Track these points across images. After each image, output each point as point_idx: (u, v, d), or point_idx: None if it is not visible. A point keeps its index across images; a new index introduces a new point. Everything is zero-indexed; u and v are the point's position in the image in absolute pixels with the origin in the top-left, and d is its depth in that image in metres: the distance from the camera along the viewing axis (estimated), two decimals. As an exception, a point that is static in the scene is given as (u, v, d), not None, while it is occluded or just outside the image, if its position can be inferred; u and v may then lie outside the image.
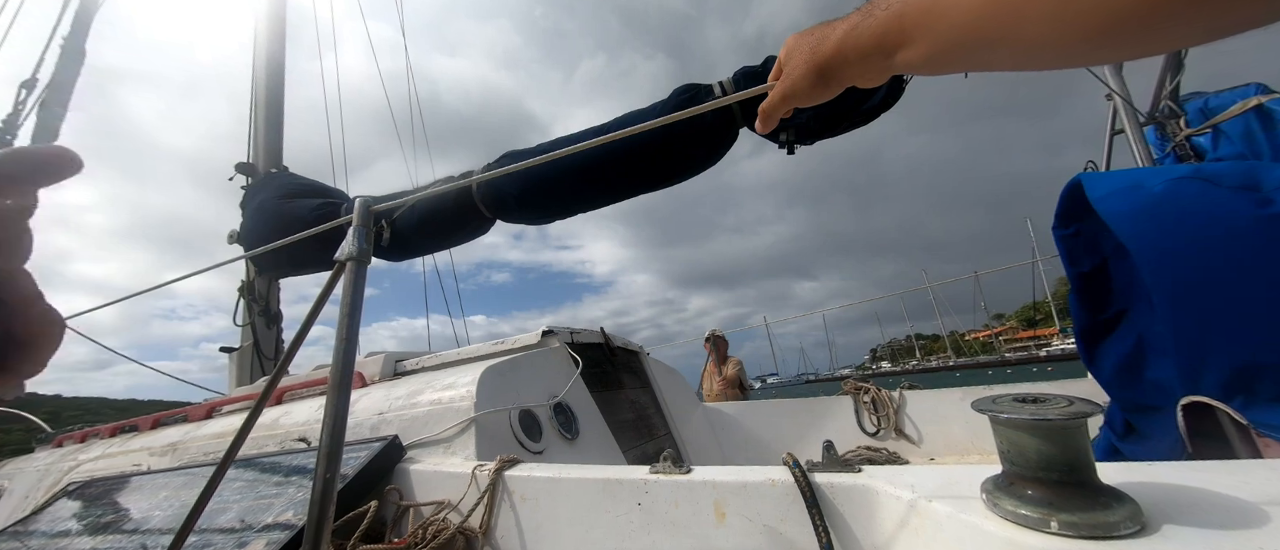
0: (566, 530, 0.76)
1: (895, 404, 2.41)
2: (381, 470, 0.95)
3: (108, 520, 1.16)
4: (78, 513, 1.28)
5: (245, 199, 2.73)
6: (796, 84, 0.56)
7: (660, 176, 1.76)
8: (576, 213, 1.94)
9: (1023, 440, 0.47)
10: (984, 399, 0.52)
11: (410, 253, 2.25)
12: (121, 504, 1.20)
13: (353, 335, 0.66)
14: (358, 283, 0.69)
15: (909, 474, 0.61)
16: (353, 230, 0.70)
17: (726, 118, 1.67)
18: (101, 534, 1.11)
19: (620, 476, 0.75)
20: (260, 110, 2.98)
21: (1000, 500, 0.47)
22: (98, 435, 2.05)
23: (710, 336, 4.45)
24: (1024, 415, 0.46)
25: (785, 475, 0.65)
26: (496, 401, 1.09)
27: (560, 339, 1.63)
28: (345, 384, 0.63)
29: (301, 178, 2.92)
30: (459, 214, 1.98)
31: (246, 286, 2.75)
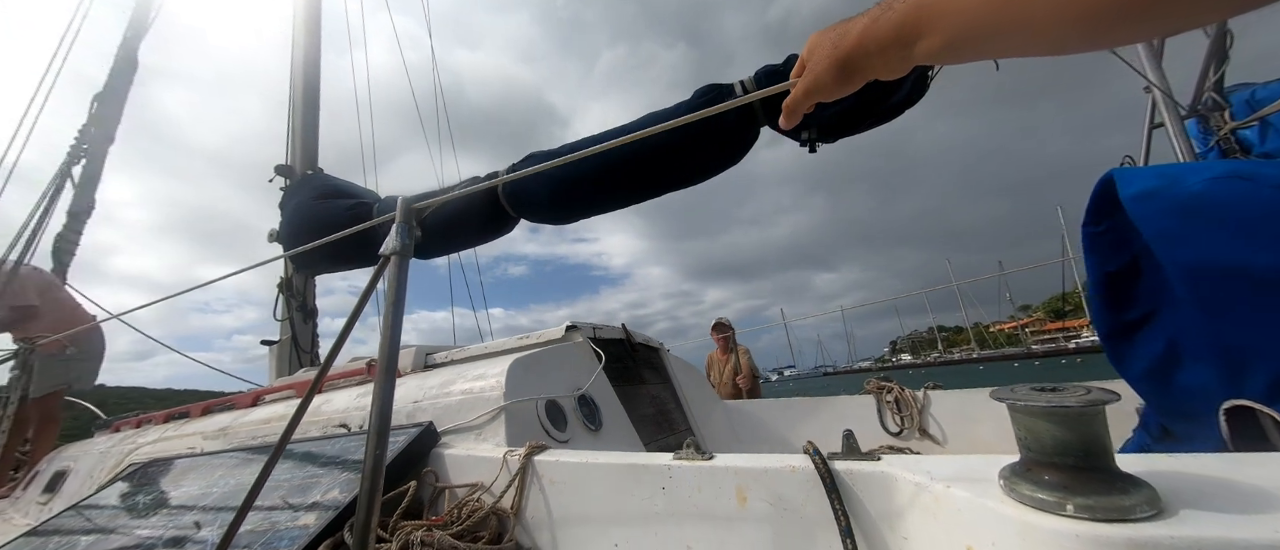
0: (593, 512, 0.80)
1: (919, 403, 2.38)
2: (419, 454, 1.00)
3: (166, 498, 1.25)
4: (138, 491, 1.38)
5: (283, 200, 2.86)
6: (820, 78, 0.57)
7: (682, 177, 1.79)
8: (599, 213, 1.97)
9: (1039, 427, 0.48)
10: (1002, 388, 0.53)
11: (439, 251, 2.33)
12: (178, 483, 1.29)
13: (397, 325, 0.71)
14: (401, 275, 0.74)
15: (927, 462, 0.62)
16: (396, 227, 0.76)
17: (748, 116, 1.68)
18: (161, 510, 1.20)
19: (645, 462, 0.78)
20: (297, 116, 3.12)
21: (1017, 485, 0.49)
22: (151, 421, 2.19)
23: (717, 324, 4.31)
24: (1041, 402, 0.47)
25: (805, 463, 0.67)
26: (524, 392, 1.14)
27: (583, 334, 1.68)
28: (391, 369, 0.68)
29: (335, 179, 3.05)
30: (485, 214, 2.04)
31: (285, 283, 2.89)
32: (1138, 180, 0.90)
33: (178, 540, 1.03)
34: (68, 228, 3.98)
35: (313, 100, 3.19)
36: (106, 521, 1.30)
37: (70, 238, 3.98)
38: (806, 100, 0.61)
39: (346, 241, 2.35)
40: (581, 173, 1.83)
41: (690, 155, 1.76)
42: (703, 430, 2.19)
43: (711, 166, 1.78)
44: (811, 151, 1.73)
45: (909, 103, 1.56)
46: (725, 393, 3.99)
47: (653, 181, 1.80)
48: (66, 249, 3.97)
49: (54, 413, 3.00)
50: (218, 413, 1.83)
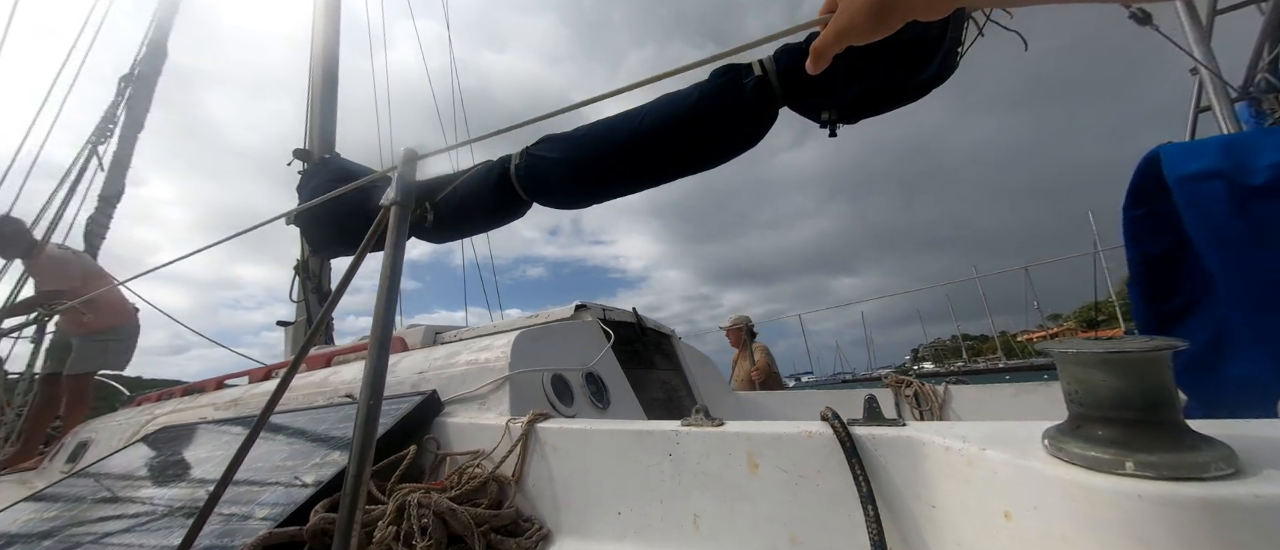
0: (597, 480, 0.76)
1: (940, 398, 2.29)
2: (421, 421, 0.98)
3: (177, 460, 1.26)
4: (152, 455, 1.39)
5: (301, 183, 2.90)
6: (854, 18, 0.51)
7: (698, 159, 1.73)
8: (613, 196, 1.93)
9: (1093, 377, 0.43)
10: (1050, 341, 0.48)
11: (451, 234, 2.32)
12: (189, 448, 1.30)
13: (396, 276, 0.68)
14: (400, 226, 0.71)
15: (960, 427, 0.57)
16: (396, 177, 0.73)
17: (766, 96, 1.62)
18: (171, 471, 1.21)
19: (651, 428, 0.74)
20: (316, 99, 3.15)
21: (1065, 444, 0.43)
22: (170, 396, 2.24)
23: (732, 324, 4.18)
24: (1096, 349, 0.42)
25: (823, 428, 0.63)
26: (530, 364, 1.11)
27: (593, 314, 1.64)
28: (389, 317, 0.65)
29: (351, 163, 3.08)
30: (497, 196, 2.02)
31: (301, 265, 2.92)
32: (1188, 160, 0.82)
33: (180, 502, 1.02)
34: (99, 212, 4.11)
35: (331, 85, 3.22)
36: (120, 481, 1.31)
37: (101, 221, 4.10)
38: (837, 43, 0.55)
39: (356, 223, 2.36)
40: (595, 154, 1.79)
41: (707, 136, 1.71)
42: (714, 419, 2.15)
43: (729, 148, 1.73)
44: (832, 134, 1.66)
45: (936, 81, 1.48)
46: (741, 389, 3.91)
47: (669, 164, 1.76)
48: (97, 233, 4.10)
49: (84, 394, 3.08)
50: (229, 388, 1.85)
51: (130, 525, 0.99)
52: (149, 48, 4.33)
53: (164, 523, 0.93)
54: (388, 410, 1.00)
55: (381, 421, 0.95)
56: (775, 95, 1.63)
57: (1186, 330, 0.93)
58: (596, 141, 1.79)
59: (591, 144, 1.81)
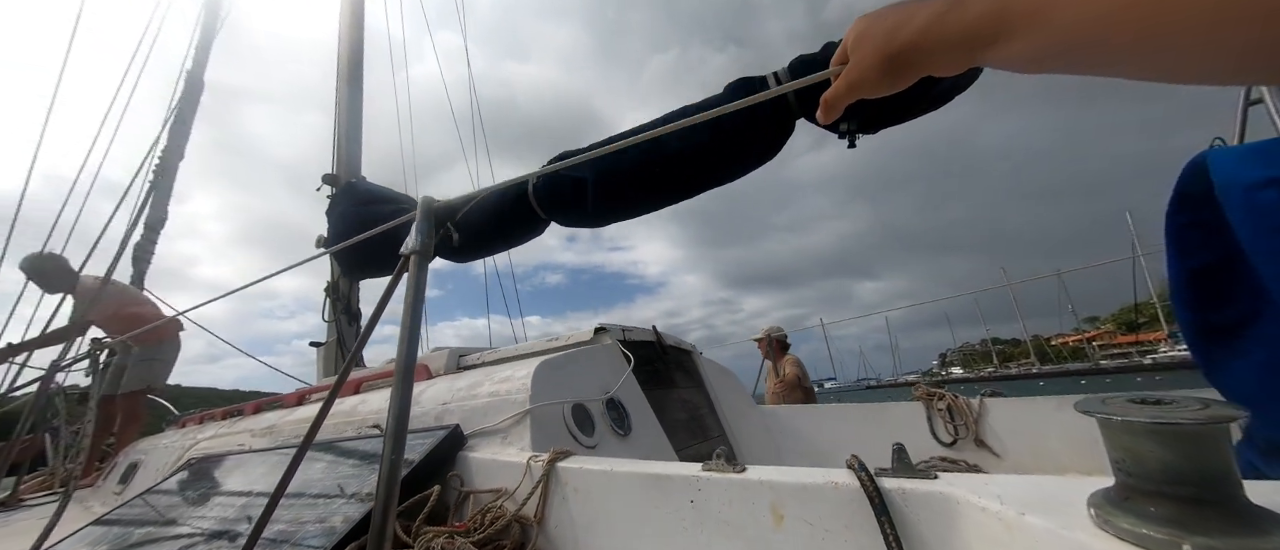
0: (619, 524, 0.76)
1: (975, 412, 2.20)
2: (444, 457, 0.99)
3: (216, 491, 1.31)
4: (192, 485, 1.45)
5: (330, 207, 3.00)
6: (866, 73, 0.51)
7: (713, 176, 1.72)
8: (630, 215, 1.93)
9: (1142, 448, 0.40)
10: (1091, 398, 0.45)
11: (475, 254, 2.36)
12: (228, 477, 1.35)
13: (416, 324, 0.70)
14: (420, 275, 0.72)
15: (996, 483, 0.54)
16: (415, 226, 0.74)
17: (782, 109, 1.60)
18: (212, 502, 1.26)
19: (672, 473, 0.73)
20: (342, 127, 3.26)
21: (1114, 517, 0.41)
22: (212, 418, 2.33)
23: (764, 336, 4.12)
24: (1143, 417, 0.39)
25: (849, 479, 0.61)
26: (551, 395, 1.11)
27: (612, 336, 1.64)
28: (409, 371, 0.66)
29: (376, 186, 3.17)
30: (516, 216, 2.05)
31: (331, 287, 3.02)
32: (1246, 164, 0.76)
33: (225, 532, 1.06)
34: (144, 238, 4.35)
35: (356, 112, 3.33)
36: (166, 509, 1.37)
37: (147, 247, 4.34)
38: (849, 96, 0.55)
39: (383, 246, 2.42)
40: (610, 173, 1.79)
41: (723, 152, 1.69)
42: (738, 436, 2.11)
43: (745, 163, 1.71)
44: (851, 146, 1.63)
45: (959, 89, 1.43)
46: (770, 402, 3.85)
47: (685, 181, 1.75)
48: (144, 257, 4.34)
49: (137, 410, 3.26)
50: (267, 412, 1.92)
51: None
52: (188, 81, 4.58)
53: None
54: (413, 445, 1.02)
55: (406, 458, 0.97)
56: (791, 107, 1.61)
57: (1245, 343, 0.86)
58: (612, 160, 1.80)
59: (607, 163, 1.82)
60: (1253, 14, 0.26)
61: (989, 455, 2.11)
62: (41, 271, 2.95)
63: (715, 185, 1.74)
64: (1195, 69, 0.32)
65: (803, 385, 3.85)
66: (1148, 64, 0.33)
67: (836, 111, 0.56)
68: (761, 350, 4.12)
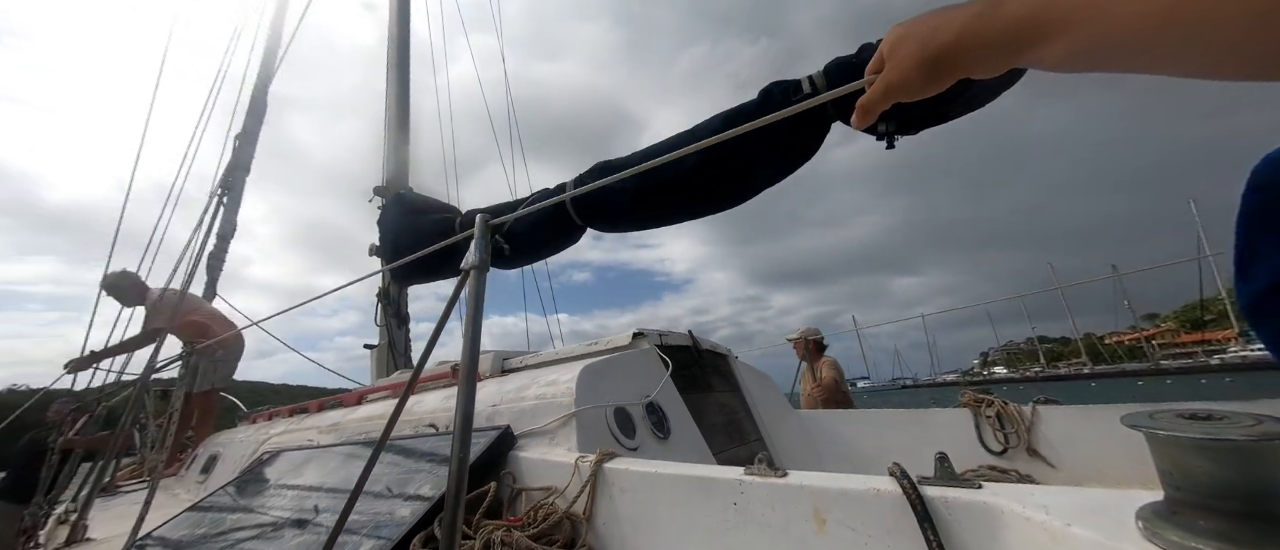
0: (664, 524, 0.79)
1: (1027, 420, 2.11)
2: (498, 456, 1.06)
3: (291, 484, 1.43)
4: (269, 477, 1.59)
5: (381, 217, 3.19)
6: (905, 76, 0.51)
7: (749, 183, 1.72)
8: (665, 223, 1.96)
9: (1190, 463, 0.40)
10: (1138, 413, 0.46)
11: (522, 262, 2.45)
12: (302, 470, 1.48)
13: (477, 334, 0.76)
14: (479, 288, 0.79)
15: (1041, 494, 0.55)
16: (474, 243, 0.81)
17: (818, 112, 1.60)
18: (287, 493, 1.38)
19: (715, 476, 0.76)
20: (392, 140, 3.46)
21: (1163, 530, 0.41)
22: (279, 415, 2.53)
23: (800, 337, 3.94)
24: (1193, 433, 0.40)
25: (892, 486, 0.62)
26: (594, 398, 1.17)
27: (650, 341, 1.68)
28: (472, 377, 0.73)
29: (423, 197, 3.35)
30: (557, 225, 2.12)
31: (383, 293, 3.21)
32: None
33: (301, 521, 1.17)
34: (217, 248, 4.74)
35: (403, 127, 3.53)
36: (247, 501, 1.51)
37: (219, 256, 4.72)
38: (885, 101, 0.55)
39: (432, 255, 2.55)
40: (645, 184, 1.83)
41: (756, 160, 1.70)
42: (775, 441, 2.11)
43: (780, 168, 1.71)
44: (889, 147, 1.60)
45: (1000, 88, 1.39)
46: (806, 406, 3.72)
47: (720, 190, 1.75)
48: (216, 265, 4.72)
49: (212, 406, 3.58)
50: (330, 410, 2.07)
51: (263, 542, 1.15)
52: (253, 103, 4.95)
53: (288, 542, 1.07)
54: (468, 445, 1.09)
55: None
56: (827, 111, 1.60)
57: None
58: (647, 171, 1.83)
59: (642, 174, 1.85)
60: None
61: (1043, 466, 2.02)
62: (118, 288, 3.32)
63: (751, 194, 1.75)
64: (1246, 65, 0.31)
65: (841, 389, 3.72)
66: (1193, 61, 0.33)
67: (873, 116, 0.56)
68: (797, 351, 3.98)
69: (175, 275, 2.97)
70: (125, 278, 3.42)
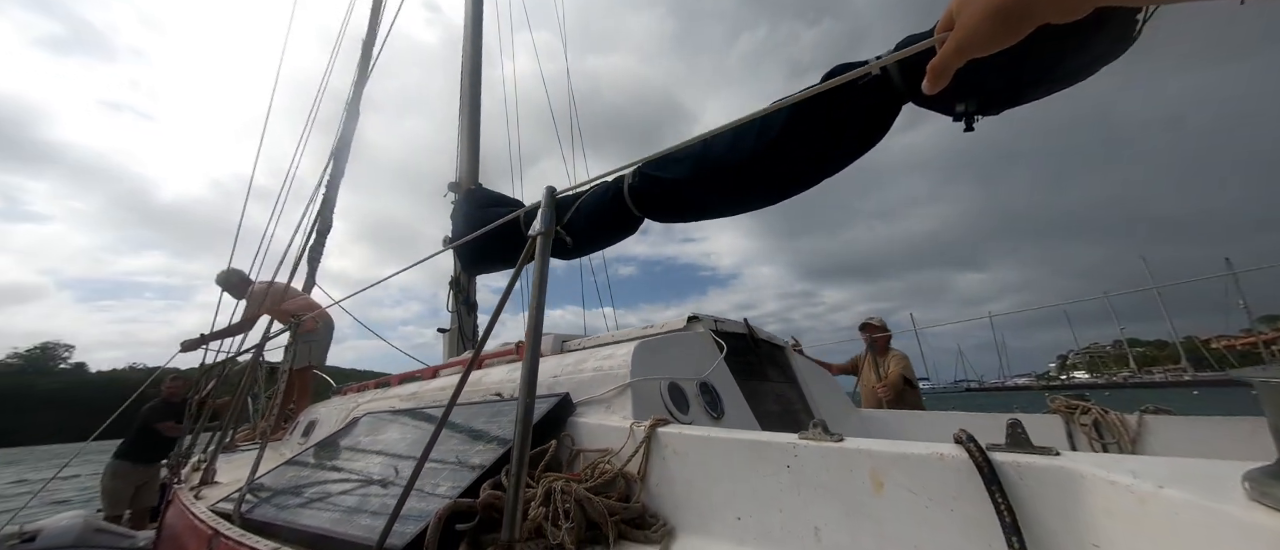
0: (716, 484, 0.81)
1: (1132, 431, 1.87)
2: (558, 418, 1.12)
3: (376, 443, 1.59)
4: (361, 436, 1.77)
5: (454, 211, 3.44)
6: (976, 30, 0.47)
7: (814, 170, 1.65)
8: (727, 213, 1.93)
9: (1309, 412, 0.36)
10: (1253, 369, 0.41)
11: (581, 252, 2.54)
12: (386, 430, 1.64)
13: (542, 293, 0.82)
14: (544, 254, 0.84)
15: (1132, 460, 0.50)
16: (541, 213, 0.87)
17: (887, 91, 1.52)
18: (373, 451, 1.54)
19: (769, 440, 0.77)
20: (465, 142, 3.72)
21: (1272, 488, 0.37)
22: (366, 388, 2.80)
23: (864, 325, 3.64)
24: (1312, 379, 0.36)
25: (957, 451, 0.60)
26: (649, 372, 1.20)
27: (705, 325, 1.69)
28: (537, 338, 0.78)
29: (492, 192, 3.57)
30: (613, 214, 2.17)
31: (454, 281, 3.45)
32: None
33: (383, 471, 1.31)
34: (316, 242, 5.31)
35: (475, 128, 3.77)
36: (337, 455, 1.70)
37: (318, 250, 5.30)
38: (958, 58, 0.50)
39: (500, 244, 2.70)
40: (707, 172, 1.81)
41: (821, 144, 1.64)
42: (835, 437, 2.03)
43: (846, 154, 1.63)
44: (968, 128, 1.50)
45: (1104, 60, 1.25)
46: (868, 404, 3.46)
47: (784, 178, 1.70)
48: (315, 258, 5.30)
49: (307, 383, 4.05)
50: (409, 383, 2.27)
51: (351, 489, 1.29)
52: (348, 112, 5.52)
53: (376, 489, 1.20)
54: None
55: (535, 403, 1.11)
56: (897, 91, 1.52)
57: None
58: (707, 161, 1.81)
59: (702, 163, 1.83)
60: None
61: (1151, 482, 1.79)
62: (230, 284, 3.89)
63: (816, 180, 1.68)
64: None
65: (909, 387, 3.40)
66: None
67: (945, 78, 0.51)
68: (864, 339, 3.62)
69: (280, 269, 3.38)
70: (235, 274, 4.00)
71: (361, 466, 1.41)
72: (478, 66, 4.00)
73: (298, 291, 4.59)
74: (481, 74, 3.94)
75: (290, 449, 2.88)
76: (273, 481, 1.70)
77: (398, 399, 2.00)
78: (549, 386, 1.32)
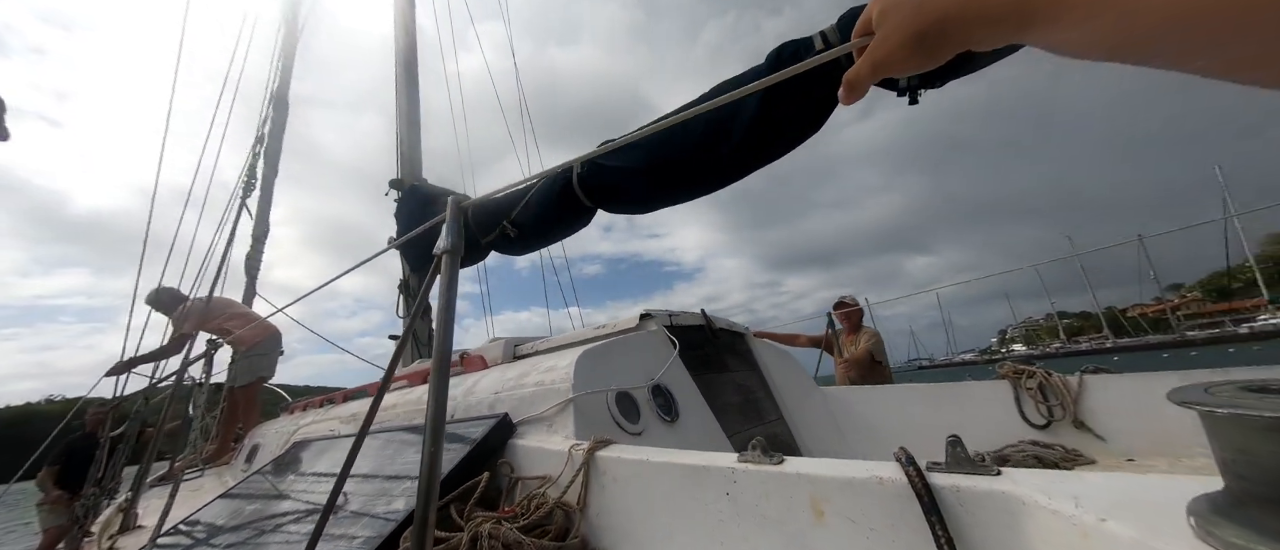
0: (657, 512, 0.75)
1: (1073, 391, 1.96)
2: (496, 444, 1.04)
3: (314, 470, 1.48)
4: (296, 464, 1.64)
5: (397, 210, 3.24)
6: (892, 51, 0.44)
7: (764, 150, 1.61)
8: (679, 200, 1.87)
9: (1257, 446, 0.32)
10: (1191, 387, 0.37)
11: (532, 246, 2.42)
12: (321, 459, 1.52)
13: (450, 322, 0.72)
14: (452, 273, 0.75)
15: (1074, 481, 0.47)
16: (445, 227, 0.77)
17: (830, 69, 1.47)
18: (309, 478, 1.42)
19: (707, 464, 0.71)
20: (403, 134, 3.48)
21: (1217, 527, 0.34)
22: (313, 405, 2.63)
23: (839, 304, 3.71)
24: (1263, 411, 0.31)
25: (897, 473, 0.55)
26: (594, 383, 1.13)
27: (658, 322, 1.63)
28: (444, 366, 0.69)
29: (436, 187, 3.38)
30: (563, 206, 2.07)
31: (403, 284, 3.27)
32: None
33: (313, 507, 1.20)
34: (253, 249, 4.94)
35: (414, 119, 3.54)
36: (273, 488, 1.57)
37: (255, 257, 4.93)
38: (873, 75, 0.47)
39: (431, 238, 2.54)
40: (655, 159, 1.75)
41: (770, 124, 1.59)
42: (796, 421, 2.03)
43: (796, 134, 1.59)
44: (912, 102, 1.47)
45: None
46: (840, 381, 3.56)
47: (733, 161, 1.66)
48: (253, 266, 4.94)
49: (251, 401, 3.80)
50: (352, 400, 2.13)
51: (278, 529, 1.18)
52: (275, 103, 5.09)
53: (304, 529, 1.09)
54: (466, 433, 1.08)
55: (459, 446, 1.02)
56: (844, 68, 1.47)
57: None
58: (654, 146, 1.75)
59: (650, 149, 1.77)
60: None
61: (1091, 439, 1.88)
62: (160, 302, 3.54)
63: (766, 161, 1.65)
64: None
65: (877, 363, 3.50)
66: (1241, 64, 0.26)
67: (860, 93, 0.49)
68: (840, 320, 3.71)
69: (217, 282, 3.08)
70: (165, 292, 3.65)
71: (290, 507, 1.30)
72: (413, 51, 3.73)
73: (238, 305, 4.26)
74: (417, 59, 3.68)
75: (235, 475, 2.70)
76: (200, 519, 1.56)
77: (339, 421, 1.87)
78: (490, 405, 1.23)
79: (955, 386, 2.23)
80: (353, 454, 0.74)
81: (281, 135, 5.23)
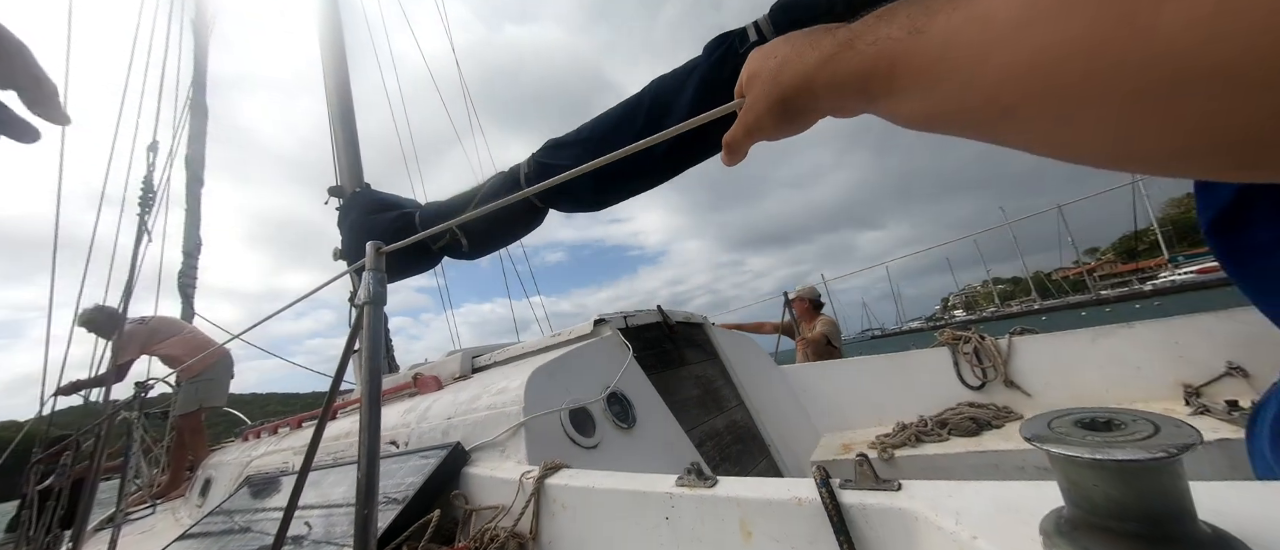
0: (605, 540, 0.78)
1: (1003, 353, 2.13)
2: (449, 476, 1.04)
3: (266, 508, 1.43)
4: (250, 502, 1.59)
5: (340, 218, 3.08)
6: (759, 117, 0.45)
7: (695, 152, 1.64)
8: (628, 195, 1.89)
9: (1083, 480, 0.37)
10: (1036, 419, 0.42)
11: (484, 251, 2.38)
12: (274, 495, 1.48)
13: (376, 375, 0.71)
14: (376, 324, 0.73)
15: (963, 494, 0.52)
16: (365, 277, 0.74)
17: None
18: (262, 516, 1.39)
19: (647, 488, 0.74)
20: (339, 137, 3.28)
21: (1057, 547, 0.38)
22: (268, 431, 2.53)
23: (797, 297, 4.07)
24: (1083, 452, 0.36)
25: (813, 493, 0.59)
26: (546, 402, 1.14)
27: (612, 326, 1.65)
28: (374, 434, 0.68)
29: (381, 194, 3.21)
30: (516, 211, 2.04)
31: (353, 296, 3.14)
32: None
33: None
34: (185, 265, 4.61)
35: (349, 122, 3.34)
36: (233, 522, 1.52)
37: (189, 274, 4.61)
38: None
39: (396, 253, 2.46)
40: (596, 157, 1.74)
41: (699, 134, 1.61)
42: (757, 404, 2.12)
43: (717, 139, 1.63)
44: None
45: None
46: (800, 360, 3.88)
47: (678, 153, 1.68)
48: (188, 284, 4.62)
49: (196, 430, 3.60)
50: (306, 428, 2.06)
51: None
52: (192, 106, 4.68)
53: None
54: (418, 466, 1.07)
55: (412, 480, 1.02)
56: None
57: None
58: (600, 142, 1.75)
59: (592, 148, 1.77)
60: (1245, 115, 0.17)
61: (1020, 396, 2.05)
62: (95, 322, 3.23)
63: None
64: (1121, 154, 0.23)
65: (831, 344, 3.81)
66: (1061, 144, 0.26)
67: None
68: (798, 311, 4.04)
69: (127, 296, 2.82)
70: (102, 312, 3.33)
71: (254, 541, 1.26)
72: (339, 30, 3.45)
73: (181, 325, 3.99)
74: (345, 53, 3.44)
75: (189, 511, 2.58)
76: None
77: (292, 451, 1.81)
78: (444, 433, 1.22)
79: (901, 357, 2.37)
80: (295, 495, 0.73)
81: (203, 139, 4.85)
